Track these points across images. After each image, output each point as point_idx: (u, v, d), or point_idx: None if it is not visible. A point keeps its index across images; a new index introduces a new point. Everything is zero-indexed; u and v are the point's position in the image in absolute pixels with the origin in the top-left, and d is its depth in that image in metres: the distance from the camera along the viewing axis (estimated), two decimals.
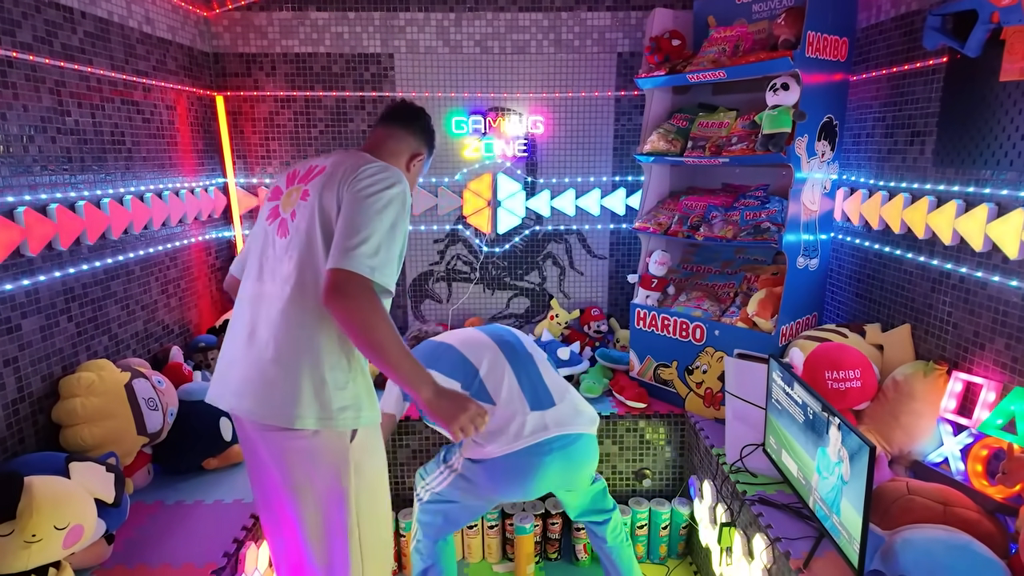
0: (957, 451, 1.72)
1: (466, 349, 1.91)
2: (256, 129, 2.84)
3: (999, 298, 1.67)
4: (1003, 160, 1.64)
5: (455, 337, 2.00)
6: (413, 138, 1.66)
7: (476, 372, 1.85)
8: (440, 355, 1.92)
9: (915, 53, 1.98)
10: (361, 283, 1.30)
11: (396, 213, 1.38)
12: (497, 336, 1.98)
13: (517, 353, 1.92)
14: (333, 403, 1.39)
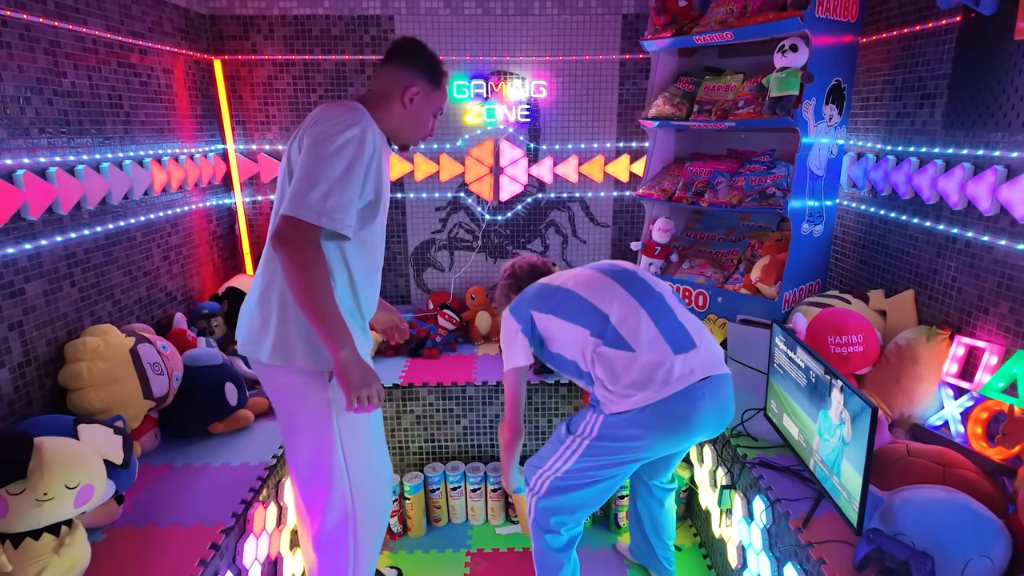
0: (957, 414, 1.74)
1: (590, 294, 1.73)
2: (255, 94, 2.79)
3: (1005, 261, 1.66)
4: (1015, 121, 1.61)
5: (572, 280, 1.79)
6: (403, 71, 1.56)
7: (607, 319, 1.68)
8: (559, 301, 1.75)
9: (928, 13, 1.94)
10: (303, 229, 1.34)
11: (351, 156, 1.39)
12: (620, 275, 1.78)
13: (648, 293, 1.74)
14: (303, 342, 1.46)
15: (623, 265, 1.85)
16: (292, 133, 1.59)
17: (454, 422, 2.54)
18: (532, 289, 1.84)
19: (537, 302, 1.79)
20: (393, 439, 2.54)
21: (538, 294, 1.81)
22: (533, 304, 1.79)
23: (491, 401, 2.52)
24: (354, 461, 1.60)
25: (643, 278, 1.80)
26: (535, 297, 1.81)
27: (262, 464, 1.87)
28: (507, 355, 1.80)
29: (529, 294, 1.83)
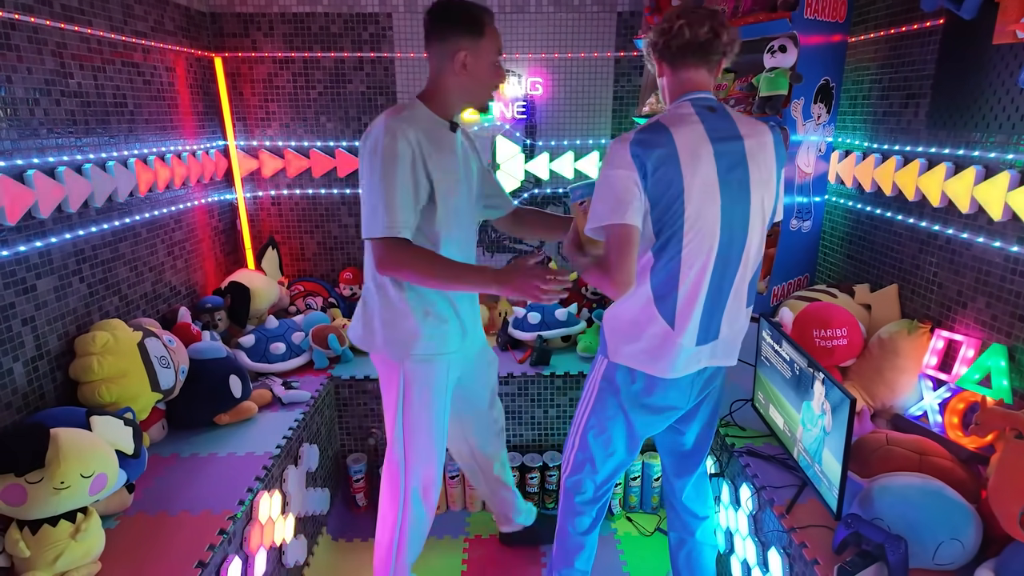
0: (936, 405, 1.80)
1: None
2: (255, 91, 2.84)
3: (982, 258, 1.72)
4: (992, 123, 1.67)
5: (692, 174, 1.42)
6: (444, 43, 1.54)
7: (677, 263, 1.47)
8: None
9: (913, 14, 1.99)
10: (380, 246, 1.55)
11: (380, 163, 1.50)
12: (728, 217, 1.45)
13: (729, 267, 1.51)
14: (384, 335, 1.70)
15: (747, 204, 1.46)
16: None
17: None
18: (673, 117, 1.41)
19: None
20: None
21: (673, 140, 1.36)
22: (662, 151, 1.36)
23: None
24: (412, 440, 1.80)
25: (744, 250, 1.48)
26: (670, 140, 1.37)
27: (267, 454, 1.94)
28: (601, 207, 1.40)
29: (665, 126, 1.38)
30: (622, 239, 1.38)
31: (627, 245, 1.38)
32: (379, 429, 2.58)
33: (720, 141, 1.40)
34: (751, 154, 1.43)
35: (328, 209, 3.00)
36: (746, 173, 1.43)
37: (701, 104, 1.44)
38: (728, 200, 1.41)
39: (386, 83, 2.85)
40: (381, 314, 1.69)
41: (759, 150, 1.45)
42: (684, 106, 1.44)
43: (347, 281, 3.02)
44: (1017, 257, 1.60)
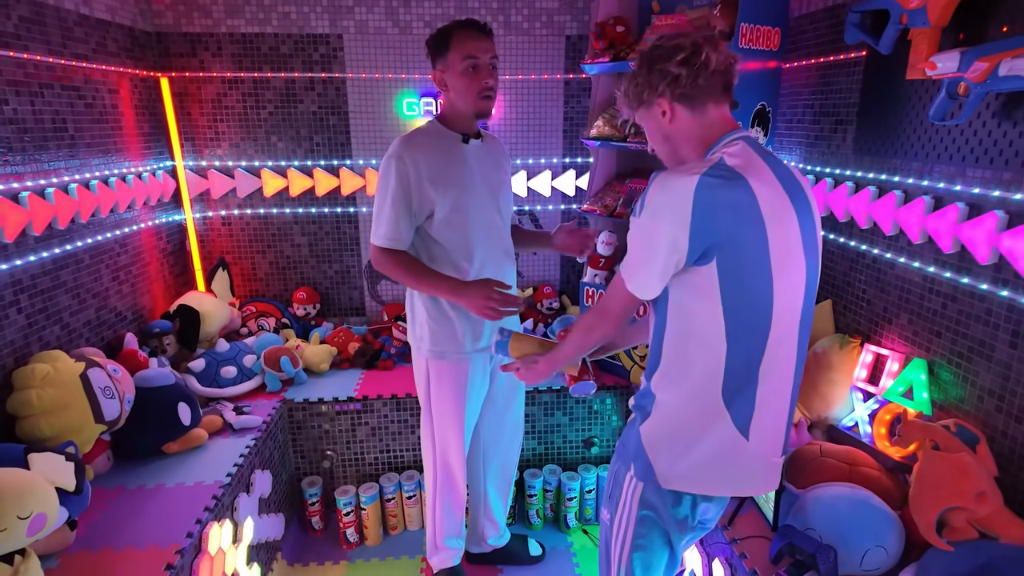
0: (866, 416, 1.91)
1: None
2: (204, 111, 2.80)
3: (904, 277, 1.83)
4: (909, 151, 1.78)
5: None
6: (433, 69, 1.77)
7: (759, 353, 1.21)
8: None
9: (840, 45, 2.10)
10: (373, 251, 1.83)
11: (383, 181, 1.76)
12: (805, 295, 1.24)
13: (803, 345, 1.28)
14: (415, 331, 1.95)
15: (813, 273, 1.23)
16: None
17: (409, 432, 2.62)
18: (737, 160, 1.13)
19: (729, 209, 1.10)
20: (348, 451, 2.60)
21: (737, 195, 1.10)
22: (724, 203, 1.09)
23: None
24: (439, 433, 2.01)
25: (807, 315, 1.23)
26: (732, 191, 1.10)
27: (217, 483, 1.92)
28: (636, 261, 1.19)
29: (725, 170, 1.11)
30: (629, 305, 1.24)
31: (631, 309, 1.26)
32: (334, 451, 2.58)
33: (795, 196, 1.14)
34: (813, 208, 1.20)
35: (280, 229, 2.98)
36: (815, 236, 1.19)
37: (756, 144, 1.17)
38: (812, 267, 1.19)
39: (338, 103, 2.86)
40: (409, 313, 1.97)
41: (813, 203, 1.21)
42: (738, 146, 1.14)
43: (301, 301, 3.00)
44: (934, 277, 1.71)
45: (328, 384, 2.66)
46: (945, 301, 1.68)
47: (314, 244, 3.02)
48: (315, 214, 2.99)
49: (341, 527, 2.48)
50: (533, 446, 2.69)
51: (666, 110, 1.19)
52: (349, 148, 2.92)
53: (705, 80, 1.15)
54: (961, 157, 1.60)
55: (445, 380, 1.95)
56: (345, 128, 2.89)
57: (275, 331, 2.88)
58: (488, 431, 2.17)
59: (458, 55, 1.68)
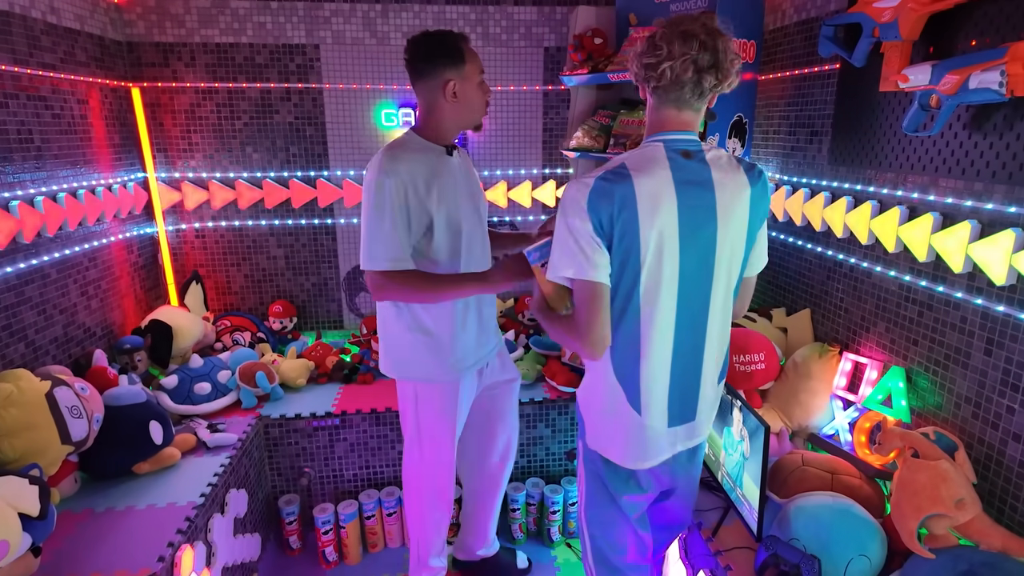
0: (846, 424, 1.92)
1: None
2: (177, 121, 2.75)
3: (881, 286, 1.85)
4: (883, 162, 1.81)
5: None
6: (431, 78, 1.62)
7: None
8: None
9: (814, 57, 2.14)
10: (371, 278, 1.67)
11: (371, 199, 1.62)
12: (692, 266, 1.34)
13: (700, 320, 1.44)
14: (394, 356, 1.83)
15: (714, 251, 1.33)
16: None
17: (389, 447, 2.57)
18: (642, 157, 1.29)
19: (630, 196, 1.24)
20: (327, 468, 2.55)
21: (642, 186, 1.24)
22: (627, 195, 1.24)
23: None
24: (432, 456, 1.93)
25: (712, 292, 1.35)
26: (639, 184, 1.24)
27: (190, 503, 1.86)
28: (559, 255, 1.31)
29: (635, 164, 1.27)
30: (589, 296, 1.27)
31: (596, 301, 1.27)
32: (312, 468, 2.52)
33: (688, 190, 1.25)
34: (722, 205, 1.28)
35: (256, 241, 2.93)
36: (714, 228, 1.29)
37: (675, 147, 1.28)
38: (689, 258, 1.28)
39: (315, 113, 2.82)
40: (385, 339, 1.84)
41: (733, 201, 1.29)
42: (656, 147, 1.28)
43: (276, 315, 2.94)
44: (910, 286, 1.74)
45: (305, 399, 2.61)
46: (921, 309, 1.71)
47: (291, 256, 2.97)
48: (292, 226, 2.94)
49: (320, 546, 2.42)
50: (515, 459, 2.66)
51: (641, 90, 1.35)
52: (326, 159, 2.88)
53: (662, 88, 1.27)
54: (934, 168, 1.62)
55: (435, 403, 1.87)
56: (322, 139, 2.86)
57: (250, 346, 2.82)
58: (477, 442, 2.13)
59: (474, 68, 1.66)
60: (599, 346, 1.30)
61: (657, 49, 1.24)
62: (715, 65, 1.23)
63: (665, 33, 1.24)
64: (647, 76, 1.27)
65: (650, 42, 1.25)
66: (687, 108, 1.29)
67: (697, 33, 1.21)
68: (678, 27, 1.23)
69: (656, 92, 1.28)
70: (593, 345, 1.29)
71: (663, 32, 1.24)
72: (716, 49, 1.22)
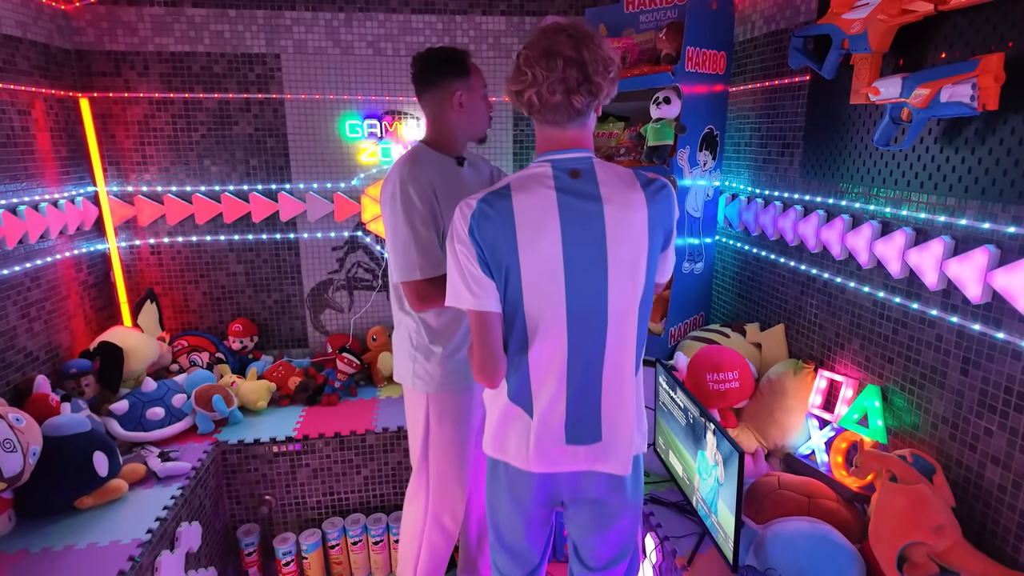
0: (822, 444, 1.87)
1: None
2: (129, 133, 2.63)
3: (855, 302, 1.81)
4: (855, 175, 1.77)
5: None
6: (438, 90, 1.68)
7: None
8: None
9: (784, 69, 2.10)
10: (410, 289, 1.67)
11: (399, 210, 1.63)
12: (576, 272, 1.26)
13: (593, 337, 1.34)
14: (415, 369, 1.79)
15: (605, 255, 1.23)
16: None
17: (354, 473, 2.47)
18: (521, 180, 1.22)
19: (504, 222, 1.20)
20: (288, 495, 2.43)
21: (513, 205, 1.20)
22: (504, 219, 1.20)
23: (393, 448, 2.47)
24: (435, 469, 1.88)
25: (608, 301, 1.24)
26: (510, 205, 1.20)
27: (135, 541, 1.74)
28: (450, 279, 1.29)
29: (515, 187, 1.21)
30: (478, 324, 1.24)
31: (485, 330, 1.24)
32: (272, 496, 2.41)
33: (572, 209, 1.18)
34: (612, 222, 1.19)
35: (214, 257, 2.81)
36: (602, 247, 1.19)
37: (563, 166, 1.21)
38: (577, 281, 1.20)
39: (276, 125, 2.72)
40: (407, 350, 1.81)
41: (626, 220, 1.19)
42: (542, 166, 1.22)
43: (237, 334, 2.82)
44: (884, 302, 1.70)
45: (266, 423, 2.49)
46: (896, 327, 1.67)
47: (251, 273, 2.86)
48: (252, 241, 2.83)
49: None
50: None
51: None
52: (288, 171, 2.78)
53: (532, 113, 1.21)
54: (906, 182, 1.59)
55: (448, 414, 1.83)
56: (284, 151, 2.76)
57: (209, 367, 2.70)
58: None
59: (479, 80, 1.72)
60: (492, 376, 1.28)
61: (522, 75, 1.16)
62: (585, 80, 1.14)
63: (528, 56, 1.15)
64: (517, 103, 1.21)
65: (516, 67, 1.19)
66: (572, 126, 1.21)
67: (560, 50, 1.12)
68: (539, 46, 1.14)
69: (533, 117, 1.23)
70: (484, 374, 1.28)
71: (526, 55, 1.16)
72: (583, 62, 1.12)
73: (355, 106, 2.76)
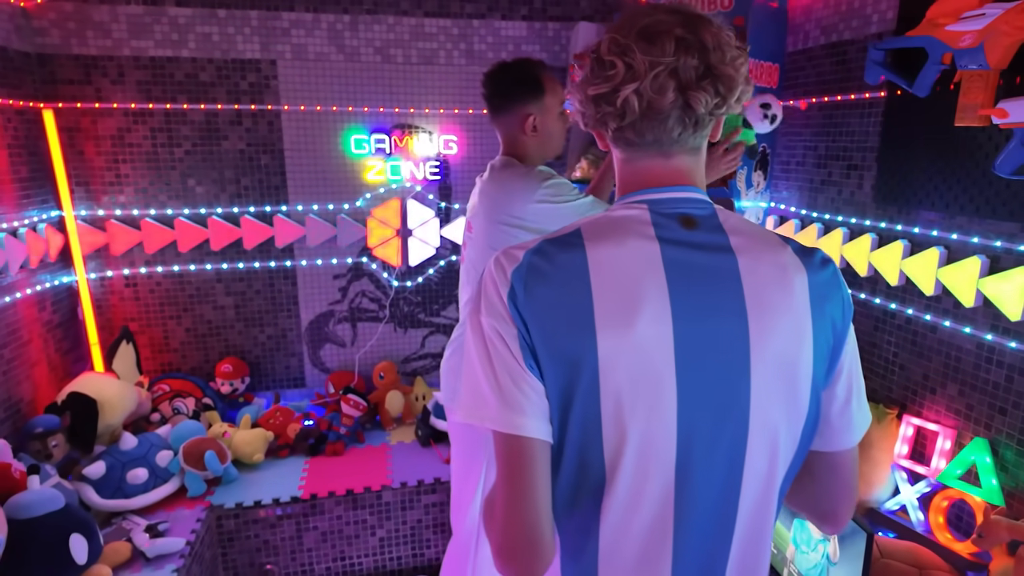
0: (915, 500, 1.68)
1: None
2: (101, 149, 2.29)
3: (951, 343, 1.64)
4: (953, 204, 1.60)
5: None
6: (511, 112, 1.57)
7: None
8: None
9: (849, 84, 1.93)
10: None
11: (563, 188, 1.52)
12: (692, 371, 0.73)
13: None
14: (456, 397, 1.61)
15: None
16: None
17: (368, 534, 2.18)
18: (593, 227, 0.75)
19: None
20: (293, 563, 2.13)
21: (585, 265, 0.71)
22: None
23: (411, 505, 2.19)
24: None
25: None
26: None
27: None
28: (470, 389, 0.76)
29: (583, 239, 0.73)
30: (508, 461, 0.70)
31: (519, 472, 0.69)
32: (275, 565, 2.10)
33: (687, 270, 0.70)
34: (753, 289, 0.71)
35: (200, 288, 2.49)
36: (742, 328, 0.70)
37: (667, 209, 0.74)
38: (697, 387, 0.70)
39: (271, 139, 2.42)
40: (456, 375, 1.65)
41: (775, 277, 0.72)
42: (633, 208, 0.75)
43: (226, 375, 2.50)
44: (992, 346, 1.52)
45: (265, 480, 2.19)
46: (1010, 373, 1.49)
47: (242, 305, 2.54)
48: (243, 270, 2.51)
49: None
50: None
51: (600, 137, 0.81)
52: (285, 192, 2.48)
53: (626, 127, 0.74)
54: None
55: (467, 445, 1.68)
56: (280, 169, 2.46)
57: (195, 415, 2.37)
58: None
59: (555, 98, 1.59)
60: (527, 559, 0.70)
61: (606, 68, 0.71)
62: (708, 71, 0.70)
63: (616, 41, 0.71)
64: (600, 115, 0.73)
65: (593, 62, 0.73)
66: (679, 150, 0.76)
67: (669, 27, 0.70)
68: (633, 25, 0.71)
69: (621, 137, 0.75)
70: (514, 557, 0.71)
71: (612, 39, 0.71)
72: (704, 46, 0.70)
73: (361, 119, 2.48)
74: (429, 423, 2.44)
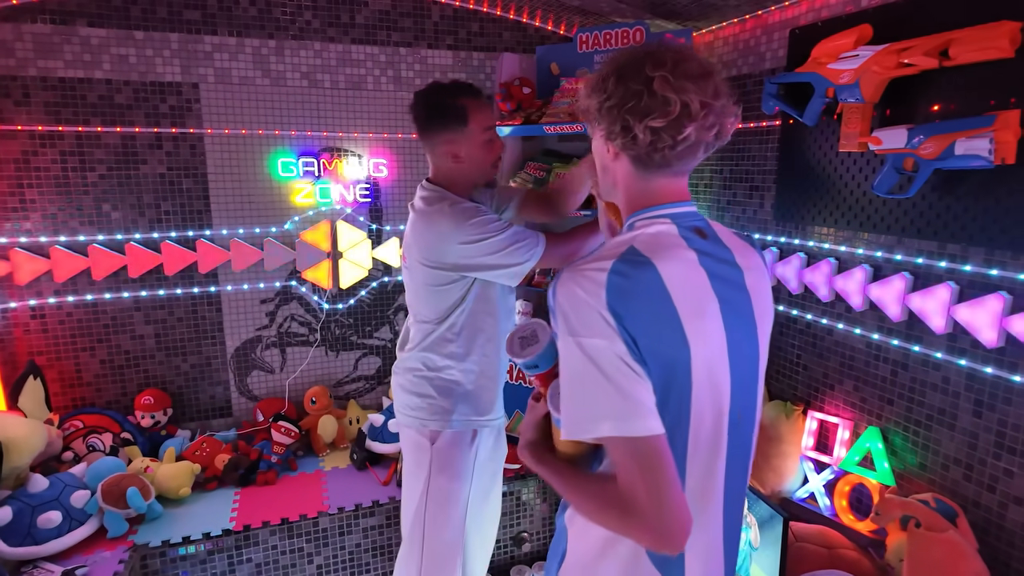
0: (821, 487, 1.86)
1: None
2: (3, 174, 2.16)
3: (845, 343, 1.83)
4: (840, 220, 1.80)
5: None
6: (429, 139, 1.58)
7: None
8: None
9: (749, 113, 2.13)
10: (545, 259, 1.58)
11: (483, 222, 1.54)
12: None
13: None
14: (434, 403, 1.64)
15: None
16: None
17: (305, 562, 2.13)
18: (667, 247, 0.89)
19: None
20: None
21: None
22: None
23: (350, 530, 2.16)
24: (431, 525, 1.67)
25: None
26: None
27: None
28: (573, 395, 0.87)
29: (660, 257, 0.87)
30: (643, 458, 0.80)
31: (657, 465, 0.80)
32: None
33: (721, 281, 0.90)
34: (755, 296, 0.96)
35: (116, 318, 2.37)
36: (753, 329, 0.95)
37: (686, 222, 0.91)
38: (740, 378, 0.92)
39: (193, 163, 2.37)
40: (427, 381, 1.65)
41: (762, 286, 0.98)
42: (661, 223, 0.90)
43: (146, 407, 2.38)
44: (880, 344, 1.72)
45: (193, 514, 2.10)
46: (896, 368, 1.69)
47: (163, 334, 2.44)
48: (164, 297, 2.42)
49: None
50: None
51: (611, 150, 0.93)
52: (209, 216, 2.42)
53: (665, 156, 0.87)
54: (900, 228, 1.62)
55: (456, 453, 1.67)
56: (203, 193, 2.40)
57: (113, 451, 2.24)
58: (473, 507, 1.77)
59: (479, 126, 1.56)
60: (676, 534, 0.80)
61: (668, 104, 0.83)
62: (728, 110, 0.89)
63: (668, 79, 0.83)
64: (656, 143, 0.85)
65: (653, 96, 0.83)
66: (684, 173, 0.94)
67: (709, 71, 0.86)
68: (678, 63, 0.84)
69: (651, 160, 0.88)
70: (666, 534, 0.80)
71: (663, 77, 0.83)
72: (725, 89, 0.88)
73: (288, 142, 2.47)
74: (365, 446, 2.43)
